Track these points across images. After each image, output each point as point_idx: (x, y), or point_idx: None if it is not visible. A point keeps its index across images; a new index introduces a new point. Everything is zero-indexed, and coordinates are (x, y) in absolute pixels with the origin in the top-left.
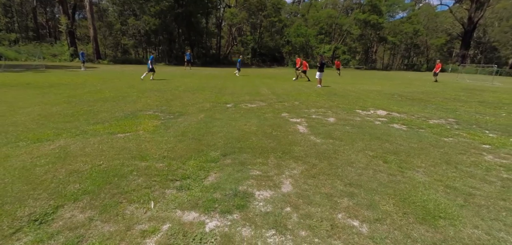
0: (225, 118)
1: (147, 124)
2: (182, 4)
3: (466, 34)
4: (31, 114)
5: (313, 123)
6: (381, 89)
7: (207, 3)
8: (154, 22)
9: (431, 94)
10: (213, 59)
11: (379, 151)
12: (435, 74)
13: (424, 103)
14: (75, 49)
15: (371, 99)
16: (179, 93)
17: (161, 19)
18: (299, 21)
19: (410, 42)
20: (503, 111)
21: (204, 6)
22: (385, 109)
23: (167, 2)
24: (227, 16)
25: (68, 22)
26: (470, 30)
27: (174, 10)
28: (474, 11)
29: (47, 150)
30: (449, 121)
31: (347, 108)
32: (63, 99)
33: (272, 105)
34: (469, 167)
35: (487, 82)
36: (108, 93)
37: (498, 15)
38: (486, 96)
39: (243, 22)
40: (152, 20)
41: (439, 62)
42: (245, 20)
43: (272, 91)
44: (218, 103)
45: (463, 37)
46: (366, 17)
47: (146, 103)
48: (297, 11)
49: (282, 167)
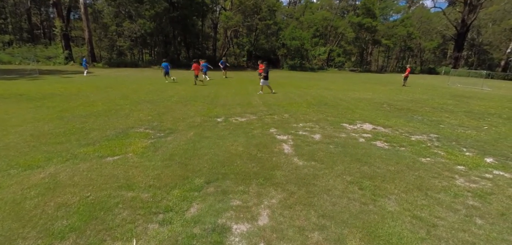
0: (213, 137)
1: (137, 144)
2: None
3: (460, 36)
4: (23, 134)
5: (299, 141)
6: (372, 97)
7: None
8: (149, 26)
9: (420, 102)
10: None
11: (357, 175)
12: (404, 79)
13: (411, 114)
14: (70, 52)
15: (360, 110)
16: (171, 105)
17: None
18: (294, 24)
19: (404, 45)
20: (486, 122)
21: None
22: (371, 123)
23: (162, 5)
24: (223, 19)
25: (62, 25)
26: (463, 32)
27: (170, 13)
28: (467, 14)
29: (37, 179)
30: (430, 137)
31: (335, 122)
32: (55, 114)
33: (261, 118)
34: (439, 193)
35: (477, 87)
36: (101, 106)
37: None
38: (473, 105)
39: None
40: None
41: (408, 67)
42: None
43: (264, 101)
44: (209, 117)
45: (456, 39)
46: (360, 21)
47: (138, 117)
48: (292, 13)
49: (262, 195)
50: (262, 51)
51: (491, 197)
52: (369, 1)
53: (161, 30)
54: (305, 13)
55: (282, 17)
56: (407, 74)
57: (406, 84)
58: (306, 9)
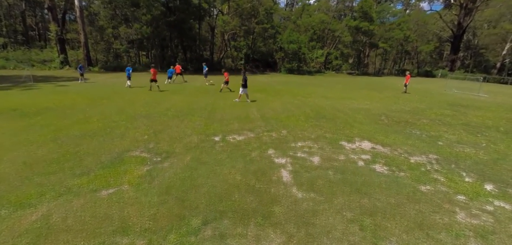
0: (211, 162)
1: (133, 173)
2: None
3: (456, 38)
4: (15, 162)
5: (297, 166)
6: (370, 108)
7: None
8: (146, 30)
9: (418, 113)
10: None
11: (357, 211)
12: (405, 85)
13: (409, 128)
14: (65, 57)
15: (358, 125)
16: (168, 120)
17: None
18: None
19: (400, 48)
20: (484, 138)
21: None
22: (370, 140)
23: (159, 10)
24: (220, 24)
25: (57, 29)
26: (460, 35)
27: (166, 17)
28: (463, 17)
29: (29, 222)
30: (429, 159)
31: (333, 140)
32: (49, 135)
33: (259, 137)
34: (440, 233)
35: (473, 93)
36: (96, 123)
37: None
38: (471, 116)
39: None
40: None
41: (408, 73)
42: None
43: (262, 114)
44: (206, 136)
45: (453, 41)
46: (357, 24)
47: (134, 137)
48: (289, 16)
49: (260, 239)
50: (260, 54)
51: (493, 237)
52: (366, 5)
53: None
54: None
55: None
56: (407, 81)
57: (407, 91)
58: (303, 11)
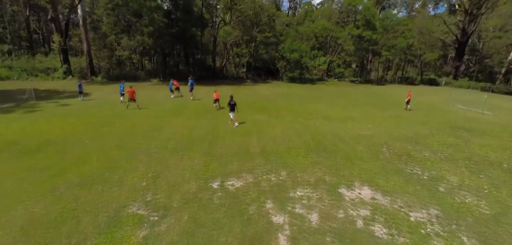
0: (208, 223)
1: (129, 240)
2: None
3: (460, 45)
4: (13, 227)
5: (295, 230)
6: (372, 133)
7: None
8: (148, 42)
9: (419, 141)
10: (208, 73)
11: None
12: (407, 103)
13: (411, 165)
14: (68, 66)
15: (359, 161)
16: (167, 157)
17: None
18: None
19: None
20: (486, 179)
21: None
22: (370, 185)
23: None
24: (222, 34)
25: (61, 39)
26: (464, 41)
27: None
28: (467, 23)
29: None
30: (430, 215)
31: (333, 187)
32: (48, 183)
33: (258, 182)
34: None
35: (477, 109)
36: (95, 164)
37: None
38: (474, 146)
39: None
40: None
41: (410, 91)
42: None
43: (262, 146)
44: (205, 181)
45: (457, 48)
46: (360, 33)
47: (132, 185)
48: (292, 22)
49: None
50: (262, 62)
51: None
52: (369, 13)
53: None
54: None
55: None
56: (409, 99)
57: (409, 108)
58: (306, 17)
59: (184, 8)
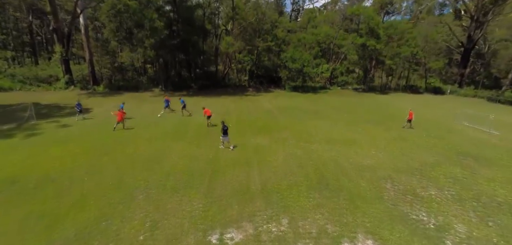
0: None
1: None
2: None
3: (466, 51)
4: None
5: None
6: (375, 163)
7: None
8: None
9: (425, 173)
10: (210, 82)
11: None
12: (408, 121)
13: (417, 207)
14: (70, 77)
15: (362, 204)
16: (166, 200)
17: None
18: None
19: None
20: (495, 227)
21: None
22: (374, 238)
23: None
24: (223, 46)
25: (62, 50)
26: (470, 48)
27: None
28: (473, 30)
29: None
30: None
31: (335, 240)
32: (43, 236)
33: (258, 234)
34: None
35: (484, 127)
36: (93, 208)
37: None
38: (481, 180)
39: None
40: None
41: (411, 110)
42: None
43: (263, 182)
44: (204, 235)
45: (462, 55)
46: (364, 42)
47: (128, 240)
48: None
49: None
50: (264, 69)
51: None
52: (373, 23)
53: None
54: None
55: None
56: (410, 118)
57: (411, 126)
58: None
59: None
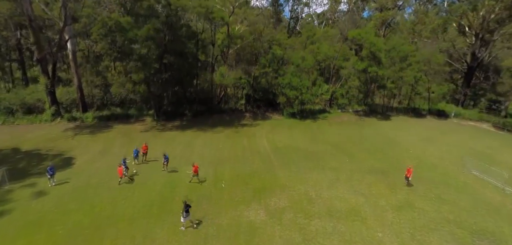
0: None
1: None
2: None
3: (469, 70)
4: None
5: None
6: None
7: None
8: (138, 89)
9: None
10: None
11: None
12: (406, 179)
13: None
14: (57, 109)
15: None
16: None
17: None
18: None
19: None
20: None
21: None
22: None
23: (152, 69)
24: (218, 78)
25: (47, 82)
26: (474, 66)
27: (161, 74)
28: (478, 48)
29: None
30: None
31: None
32: None
33: None
34: None
35: (497, 182)
36: None
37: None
38: None
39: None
40: (138, 88)
41: (409, 167)
42: (237, 80)
43: None
44: None
45: (466, 73)
46: (365, 67)
47: None
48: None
49: None
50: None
51: None
52: (375, 48)
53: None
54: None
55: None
56: (408, 176)
57: (409, 183)
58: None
59: (176, 52)
